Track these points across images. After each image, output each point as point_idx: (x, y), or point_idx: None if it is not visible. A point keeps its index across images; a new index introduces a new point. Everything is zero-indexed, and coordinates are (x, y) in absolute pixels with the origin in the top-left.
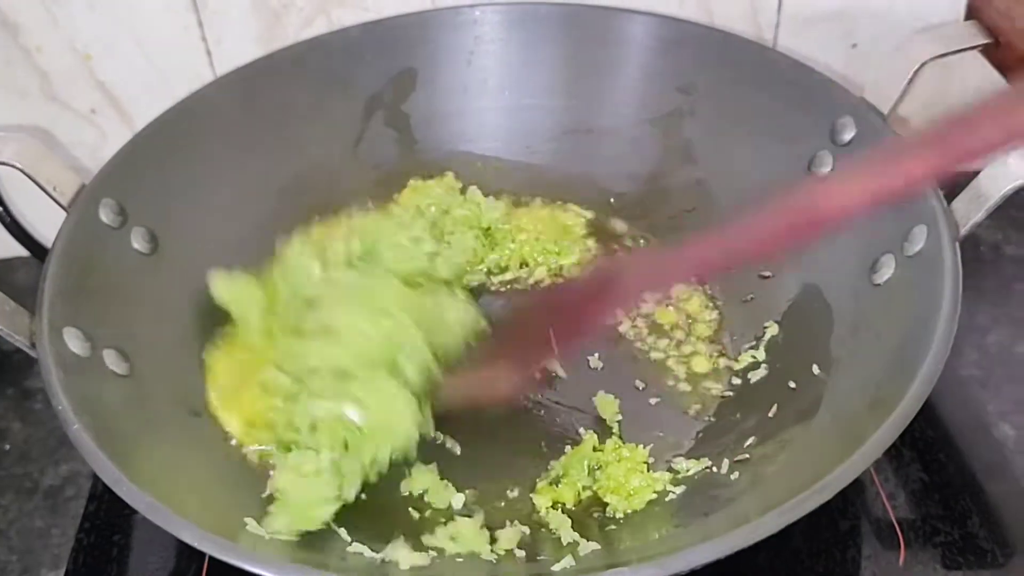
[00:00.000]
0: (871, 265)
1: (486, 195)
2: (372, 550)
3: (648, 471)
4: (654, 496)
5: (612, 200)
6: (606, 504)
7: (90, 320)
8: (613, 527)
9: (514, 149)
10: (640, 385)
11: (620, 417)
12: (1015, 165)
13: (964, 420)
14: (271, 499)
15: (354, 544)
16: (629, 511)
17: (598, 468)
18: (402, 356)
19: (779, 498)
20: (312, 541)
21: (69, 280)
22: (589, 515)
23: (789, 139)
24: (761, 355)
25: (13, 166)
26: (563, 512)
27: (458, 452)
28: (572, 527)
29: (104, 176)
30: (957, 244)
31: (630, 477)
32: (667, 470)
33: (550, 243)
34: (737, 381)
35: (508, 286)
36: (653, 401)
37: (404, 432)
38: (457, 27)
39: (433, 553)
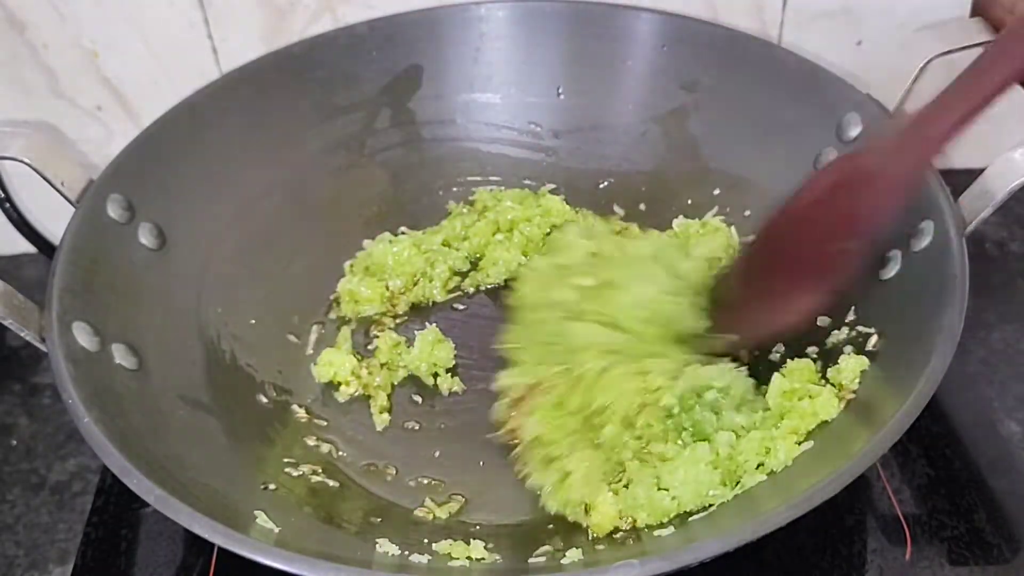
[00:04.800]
0: (878, 260)
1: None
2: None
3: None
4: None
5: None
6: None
7: (99, 315)
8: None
9: (520, 146)
10: None
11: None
12: (1021, 161)
13: (970, 416)
14: (279, 492)
15: (375, 541)
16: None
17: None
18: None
19: (787, 492)
20: (323, 536)
21: (78, 275)
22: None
23: (795, 136)
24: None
25: (22, 161)
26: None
27: None
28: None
29: (112, 172)
30: (964, 240)
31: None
32: None
33: None
34: None
35: None
36: None
37: None
38: (463, 24)
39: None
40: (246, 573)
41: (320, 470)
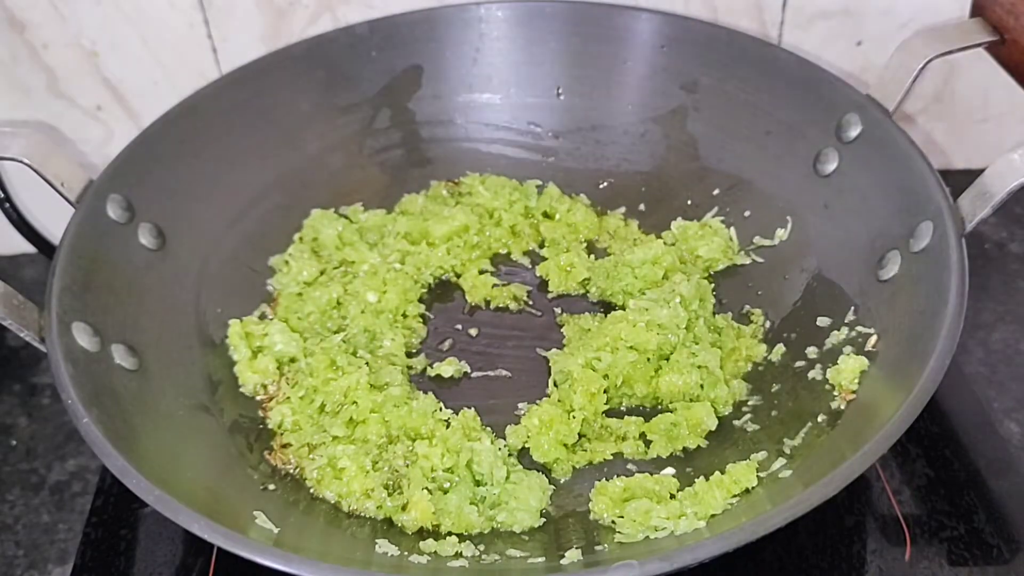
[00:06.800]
0: (877, 261)
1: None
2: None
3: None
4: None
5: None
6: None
7: (98, 315)
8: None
9: (519, 146)
10: None
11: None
12: (1021, 162)
13: (969, 417)
14: (278, 493)
15: (374, 541)
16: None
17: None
18: None
19: (786, 493)
20: (323, 536)
21: (77, 275)
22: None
23: (794, 136)
24: (766, 351)
25: (21, 162)
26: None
27: None
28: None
29: (111, 172)
30: (963, 240)
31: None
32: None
33: None
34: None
35: None
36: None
37: None
38: (463, 24)
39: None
40: (246, 573)
41: None
